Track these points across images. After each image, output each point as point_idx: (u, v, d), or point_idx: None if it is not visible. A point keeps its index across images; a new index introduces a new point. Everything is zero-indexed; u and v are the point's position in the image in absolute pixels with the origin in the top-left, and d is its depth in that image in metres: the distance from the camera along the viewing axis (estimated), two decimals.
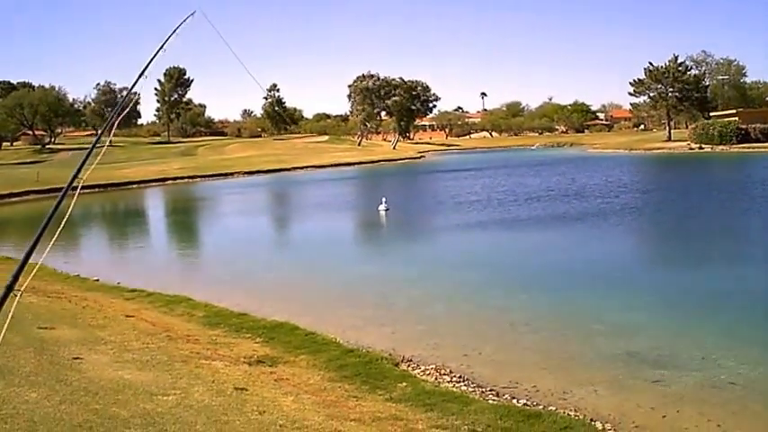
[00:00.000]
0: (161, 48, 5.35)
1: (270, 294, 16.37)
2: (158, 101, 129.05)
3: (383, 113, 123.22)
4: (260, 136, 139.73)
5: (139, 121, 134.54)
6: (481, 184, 47.79)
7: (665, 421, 8.21)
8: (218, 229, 33.90)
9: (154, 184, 63.17)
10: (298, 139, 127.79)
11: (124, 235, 33.30)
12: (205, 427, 6.50)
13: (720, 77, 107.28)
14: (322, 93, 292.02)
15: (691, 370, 9.83)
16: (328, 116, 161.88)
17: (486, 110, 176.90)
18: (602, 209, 30.45)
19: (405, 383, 9.06)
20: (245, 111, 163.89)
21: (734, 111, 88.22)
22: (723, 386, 9.19)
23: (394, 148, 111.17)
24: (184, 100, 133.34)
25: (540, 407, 8.52)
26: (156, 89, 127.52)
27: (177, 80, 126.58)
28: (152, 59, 5.30)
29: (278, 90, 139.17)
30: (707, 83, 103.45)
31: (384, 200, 32.00)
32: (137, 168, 72.55)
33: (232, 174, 70.51)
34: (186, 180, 66.19)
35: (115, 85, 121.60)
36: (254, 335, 11.61)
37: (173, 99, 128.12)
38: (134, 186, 61.22)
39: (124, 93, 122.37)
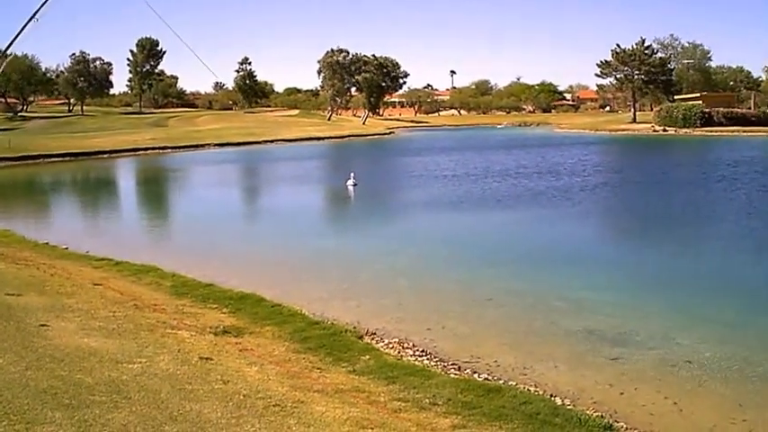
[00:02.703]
0: (32, 18, 5.26)
1: (237, 266, 16.34)
2: (131, 71, 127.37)
3: (353, 89, 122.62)
4: (231, 109, 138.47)
5: (111, 91, 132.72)
6: (451, 160, 48.08)
7: (622, 398, 8.40)
8: (188, 200, 33.70)
9: (125, 153, 62.29)
10: (268, 112, 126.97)
11: (94, 204, 32.98)
12: (169, 396, 6.50)
13: (686, 61, 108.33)
14: (293, 67, 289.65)
15: (649, 348, 10.06)
16: (299, 90, 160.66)
17: (454, 88, 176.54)
18: (571, 187, 31.01)
19: (368, 356, 9.17)
20: (217, 83, 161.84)
21: (698, 94, 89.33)
22: (681, 365, 9.40)
23: (363, 123, 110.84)
24: (157, 71, 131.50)
25: (501, 381, 8.66)
26: (128, 59, 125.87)
27: (150, 51, 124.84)
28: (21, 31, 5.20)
29: (249, 63, 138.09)
30: (672, 66, 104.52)
31: (352, 175, 32.02)
32: (108, 138, 71.49)
33: (203, 145, 69.82)
34: (157, 151, 65.38)
35: (89, 55, 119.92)
36: (221, 305, 11.63)
37: (145, 70, 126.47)
38: (105, 156, 60.35)
39: (98, 63, 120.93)
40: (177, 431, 5.72)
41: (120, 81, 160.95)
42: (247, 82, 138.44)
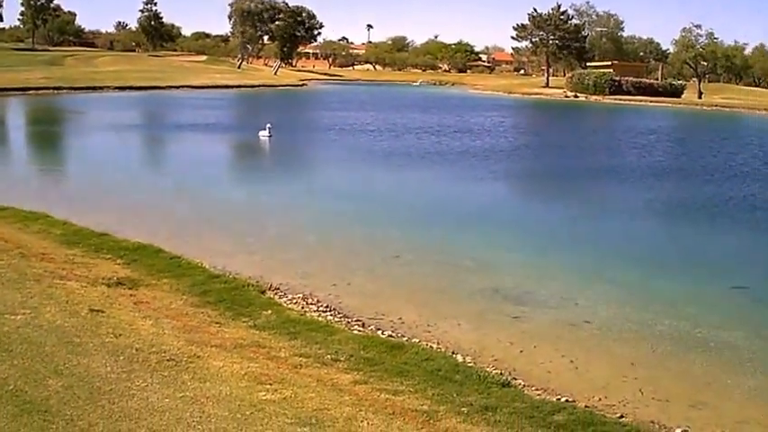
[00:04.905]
0: None
1: (135, 215, 15.69)
2: (23, 4, 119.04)
3: (265, 37, 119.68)
4: (134, 51, 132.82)
5: (0, 26, 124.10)
6: (370, 115, 47.86)
7: (521, 355, 8.58)
8: (85, 144, 32.02)
9: (14, 93, 58.57)
10: (174, 57, 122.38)
11: None
12: (54, 349, 6.30)
13: (599, 29, 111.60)
14: (202, 10, 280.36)
15: (550, 308, 10.34)
16: (208, 35, 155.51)
17: (371, 42, 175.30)
18: (489, 147, 31.68)
19: (270, 311, 9.00)
20: (119, 23, 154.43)
21: (609, 63, 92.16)
22: (579, 324, 9.71)
23: (275, 73, 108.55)
24: (52, 5, 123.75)
25: (404, 338, 8.69)
26: None
27: None
28: None
29: (155, 4, 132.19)
30: (586, 33, 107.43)
31: (268, 126, 31.06)
32: None
33: (102, 88, 66.65)
34: (51, 91, 61.95)
35: None
36: (115, 256, 11.15)
37: (39, 3, 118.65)
38: None
39: None
40: (63, 386, 5.58)
41: (11, 14, 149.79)
42: (152, 23, 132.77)
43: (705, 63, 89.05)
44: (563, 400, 7.14)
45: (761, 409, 7.58)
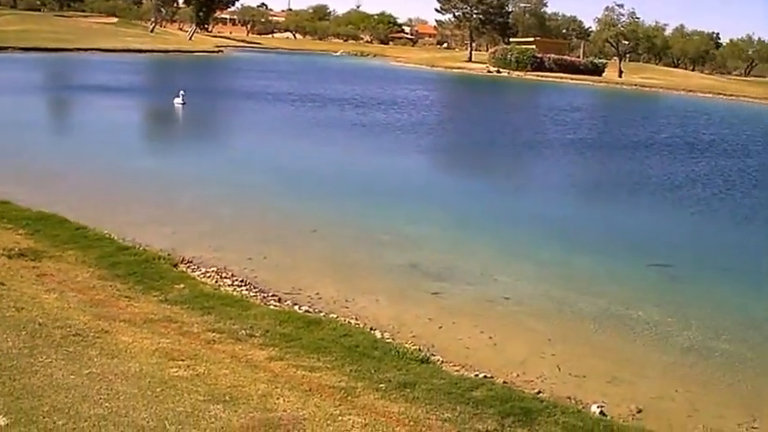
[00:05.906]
0: None
1: (38, 183, 14.92)
2: None
3: (180, 0, 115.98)
4: (39, 10, 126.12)
5: None
6: (291, 85, 46.85)
7: (440, 331, 8.59)
8: None
9: None
10: (82, 17, 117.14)
11: None
12: None
13: (523, 5, 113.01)
14: None
15: (469, 284, 10.39)
16: None
17: (291, 10, 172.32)
18: (413, 122, 31.52)
19: (182, 285, 8.73)
20: None
21: (532, 39, 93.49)
22: (498, 300, 9.80)
23: (190, 39, 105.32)
24: None
25: (322, 314, 8.56)
26: None
27: None
28: None
29: None
30: (510, 9, 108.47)
31: (182, 93, 29.99)
32: None
33: (3, 48, 63.03)
34: None
35: None
36: (17, 226, 10.58)
37: None
38: None
39: None
40: None
41: None
42: None
43: (626, 42, 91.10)
44: (481, 376, 7.18)
45: (676, 384, 7.79)
